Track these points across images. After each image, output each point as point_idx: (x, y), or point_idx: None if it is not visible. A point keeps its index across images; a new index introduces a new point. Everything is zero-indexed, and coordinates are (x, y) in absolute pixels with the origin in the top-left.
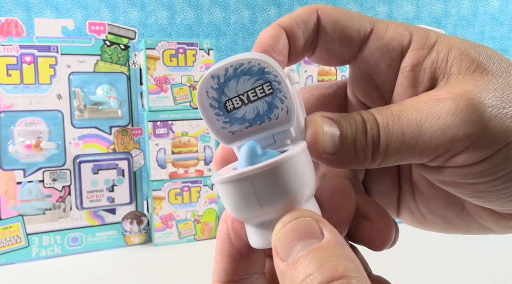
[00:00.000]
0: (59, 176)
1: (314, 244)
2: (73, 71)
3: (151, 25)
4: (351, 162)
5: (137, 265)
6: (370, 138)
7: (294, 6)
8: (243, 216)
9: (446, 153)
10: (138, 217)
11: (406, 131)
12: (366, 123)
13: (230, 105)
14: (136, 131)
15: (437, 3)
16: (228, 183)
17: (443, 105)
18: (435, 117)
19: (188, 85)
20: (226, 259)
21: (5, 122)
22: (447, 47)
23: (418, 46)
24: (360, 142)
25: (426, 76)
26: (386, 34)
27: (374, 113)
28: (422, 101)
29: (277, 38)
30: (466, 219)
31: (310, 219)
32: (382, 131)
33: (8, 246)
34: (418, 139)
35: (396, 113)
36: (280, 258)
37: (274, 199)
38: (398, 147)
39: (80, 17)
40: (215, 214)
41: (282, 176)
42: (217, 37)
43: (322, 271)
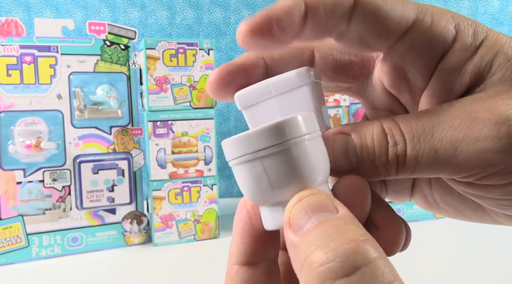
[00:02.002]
0: (59, 176)
1: (330, 216)
2: (73, 71)
3: (151, 25)
4: (371, 177)
5: (137, 265)
6: (394, 155)
7: None
8: (254, 198)
9: (478, 173)
10: (138, 217)
11: (439, 150)
12: (388, 137)
13: None
14: (136, 131)
15: (437, 3)
16: (240, 165)
17: (482, 127)
18: (473, 139)
19: (188, 85)
20: (247, 240)
21: (5, 122)
22: (493, 51)
23: (462, 46)
24: (380, 159)
25: (463, 81)
26: (430, 29)
27: (401, 125)
28: (459, 117)
29: (290, 11)
30: (480, 214)
31: (325, 196)
32: (411, 148)
33: (8, 246)
34: (451, 159)
35: (429, 128)
36: (293, 230)
37: (285, 182)
38: (428, 165)
39: (80, 17)
40: (215, 214)
41: (303, 156)
42: (217, 37)
43: (341, 234)
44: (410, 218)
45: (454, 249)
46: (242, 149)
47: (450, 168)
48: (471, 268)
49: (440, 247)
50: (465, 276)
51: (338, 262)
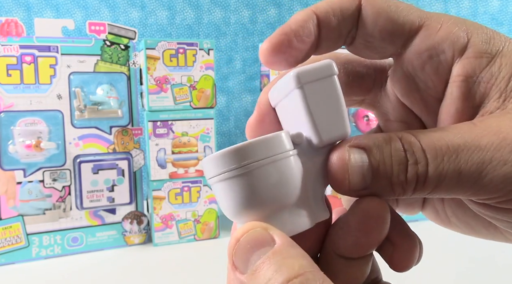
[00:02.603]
0: (59, 176)
1: (268, 251)
2: (73, 71)
3: (151, 25)
4: (385, 196)
5: (137, 265)
6: (413, 174)
7: (294, 6)
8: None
9: (500, 197)
10: (138, 217)
11: (464, 172)
12: (408, 154)
13: None
14: (136, 131)
15: (437, 3)
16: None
17: (511, 149)
18: (501, 162)
19: (188, 85)
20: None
21: (5, 122)
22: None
23: (476, 53)
24: (398, 178)
25: (479, 91)
26: (438, 33)
27: (421, 141)
28: (486, 137)
29: (304, 24)
30: (493, 232)
31: (260, 229)
32: (433, 168)
33: (8, 246)
34: (476, 182)
35: (453, 147)
36: (239, 272)
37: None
38: (450, 187)
39: (80, 17)
40: (215, 214)
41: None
42: (217, 37)
43: (280, 273)
44: (410, 218)
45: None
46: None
47: (472, 190)
48: (471, 268)
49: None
50: (465, 276)
51: None
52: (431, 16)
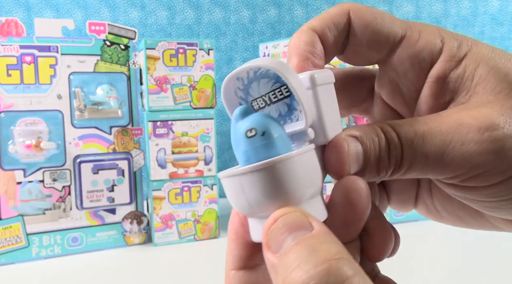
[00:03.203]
0: (59, 176)
1: (305, 235)
2: (73, 71)
3: (151, 25)
4: (371, 178)
5: (137, 265)
6: (393, 159)
7: (295, 6)
8: (241, 211)
9: (462, 175)
10: (138, 217)
11: (429, 154)
12: (389, 142)
13: (255, 104)
14: (136, 131)
15: (437, 3)
16: (225, 179)
17: (467, 132)
18: (459, 143)
19: (188, 85)
20: (241, 246)
21: (5, 122)
22: (475, 63)
23: (447, 57)
24: (383, 162)
25: (449, 89)
26: (418, 43)
27: (398, 130)
28: (447, 123)
29: (314, 44)
30: (480, 220)
31: (300, 213)
32: (406, 152)
33: (8, 246)
34: (439, 162)
35: (420, 134)
36: (271, 251)
37: (265, 199)
38: (419, 167)
39: (80, 17)
40: (215, 214)
41: (275, 177)
42: (217, 37)
43: (315, 255)
44: (410, 218)
45: (454, 249)
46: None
47: (438, 170)
48: (471, 268)
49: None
50: (465, 276)
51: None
52: (411, 26)
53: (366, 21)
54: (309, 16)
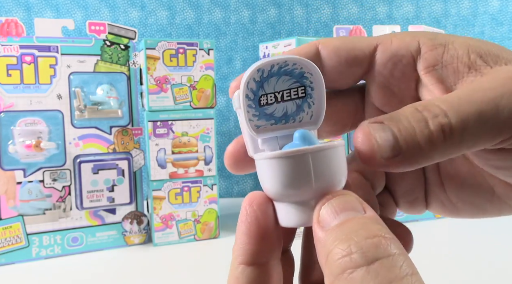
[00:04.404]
0: (59, 176)
1: (357, 215)
2: (73, 71)
3: (151, 25)
4: (418, 158)
5: (137, 265)
6: (437, 126)
7: (294, 6)
8: (290, 192)
9: None
10: (138, 217)
11: (483, 110)
12: (424, 112)
13: (264, 100)
14: (136, 131)
15: (437, 3)
16: (288, 158)
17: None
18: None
19: (188, 85)
20: (254, 240)
21: (5, 122)
22: (465, 46)
23: (429, 47)
24: (422, 133)
25: (449, 72)
26: (392, 44)
27: (433, 100)
28: (491, 81)
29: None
30: (497, 204)
31: (355, 197)
32: (453, 114)
33: (8, 246)
34: (496, 117)
35: (464, 95)
36: (321, 226)
37: (325, 178)
38: (475, 129)
39: (80, 17)
40: (215, 214)
41: (336, 159)
42: (217, 37)
43: (366, 229)
44: (410, 218)
45: (454, 249)
46: None
47: (495, 129)
48: (471, 268)
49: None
50: (465, 276)
51: (360, 253)
52: (381, 36)
53: (335, 45)
54: (309, 16)
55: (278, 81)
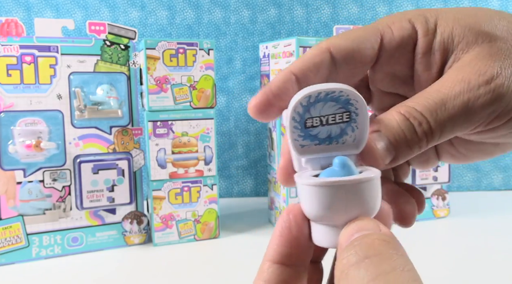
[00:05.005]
0: (59, 176)
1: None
2: (73, 71)
3: (151, 25)
4: (408, 156)
5: (137, 265)
6: (422, 133)
7: (294, 6)
8: (323, 217)
9: (485, 121)
10: (138, 217)
11: (455, 115)
12: (411, 120)
13: (309, 122)
14: (136, 131)
15: (437, 3)
16: (325, 187)
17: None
18: (475, 98)
19: (188, 85)
20: (283, 244)
21: (5, 122)
22: (449, 26)
23: (423, 33)
24: (413, 141)
25: (437, 58)
26: (394, 34)
27: (416, 107)
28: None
29: (282, 85)
30: (502, 145)
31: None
32: (433, 122)
33: (8, 246)
34: (465, 118)
35: (439, 101)
36: (339, 247)
37: (358, 206)
38: (449, 129)
39: (80, 17)
40: (215, 214)
41: (371, 190)
42: (217, 37)
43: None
44: None
45: (454, 249)
46: None
47: (466, 125)
48: (471, 268)
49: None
50: (465, 276)
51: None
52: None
53: (347, 49)
54: (309, 16)
55: (324, 106)
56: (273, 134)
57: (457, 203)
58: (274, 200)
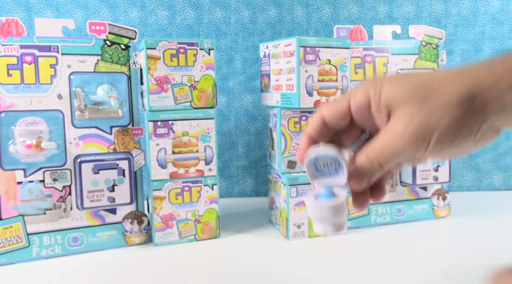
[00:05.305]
0: (59, 176)
1: None
2: (73, 71)
3: (152, 25)
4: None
5: (137, 265)
6: (375, 167)
7: (295, 6)
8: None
9: (405, 158)
10: (138, 217)
11: (389, 157)
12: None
13: (318, 165)
14: (137, 131)
15: (437, 3)
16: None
17: (396, 135)
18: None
19: (189, 85)
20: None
21: (5, 122)
22: (388, 94)
23: (373, 98)
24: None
25: (383, 114)
26: (356, 100)
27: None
28: (387, 135)
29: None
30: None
31: None
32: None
33: (9, 246)
34: (395, 158)
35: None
36: None
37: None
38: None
39: (80, 17)
40: (215, 214)
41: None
42: (217, 37)
43: None
44: (410, 218)
45: (454, 249)
46: None
47: (398, 160)
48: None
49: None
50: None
51: None
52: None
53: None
54: (309, 16)
55: (325, 159)
56: (273, 134)
57: (458, 203)
58: (275, 200)
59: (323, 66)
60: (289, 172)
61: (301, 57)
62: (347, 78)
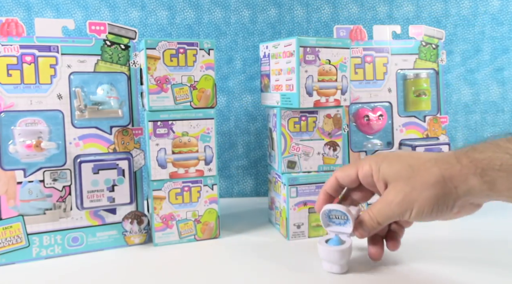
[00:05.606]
0: (59, 176)
1: None
2: (73, 71)
3: (151, 25)
4: (373, 232)
5: (137, 265)
6: (375, 224)
7: (295, 6)
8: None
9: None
10: (138, 217)
11: (386, 218)
12: (371, 218)
13: (332, 216)
14: (137, 131)
15: (437, 3)
16: (328, 249)
17: (390, 203)
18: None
19: (189, 85)
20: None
21: (5, 122)
22: (387, 169)
23: (374, 171)
24: (372, 226)
25: (381, 184)
26: (363, 171)
27: (370, 213)
28: (382, 201)
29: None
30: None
31: None
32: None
33: (9, 246)
34: (390, 219)
35: (380, 210)
36: None
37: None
38: (387, 222)
39: (80, 17)
40: (215, 214)
41: (346, 251)
42: (217, 37)
43: None
44: None
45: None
46: None
47: (391, 220)
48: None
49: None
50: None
51: None
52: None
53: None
54: (309, 16)
55: (336, 212)
56: (273, 134)
57: None
58: (275, 200)
59: (323, 66)
60: (289, 172)
61: (301, 57)
62: (347, 78)
